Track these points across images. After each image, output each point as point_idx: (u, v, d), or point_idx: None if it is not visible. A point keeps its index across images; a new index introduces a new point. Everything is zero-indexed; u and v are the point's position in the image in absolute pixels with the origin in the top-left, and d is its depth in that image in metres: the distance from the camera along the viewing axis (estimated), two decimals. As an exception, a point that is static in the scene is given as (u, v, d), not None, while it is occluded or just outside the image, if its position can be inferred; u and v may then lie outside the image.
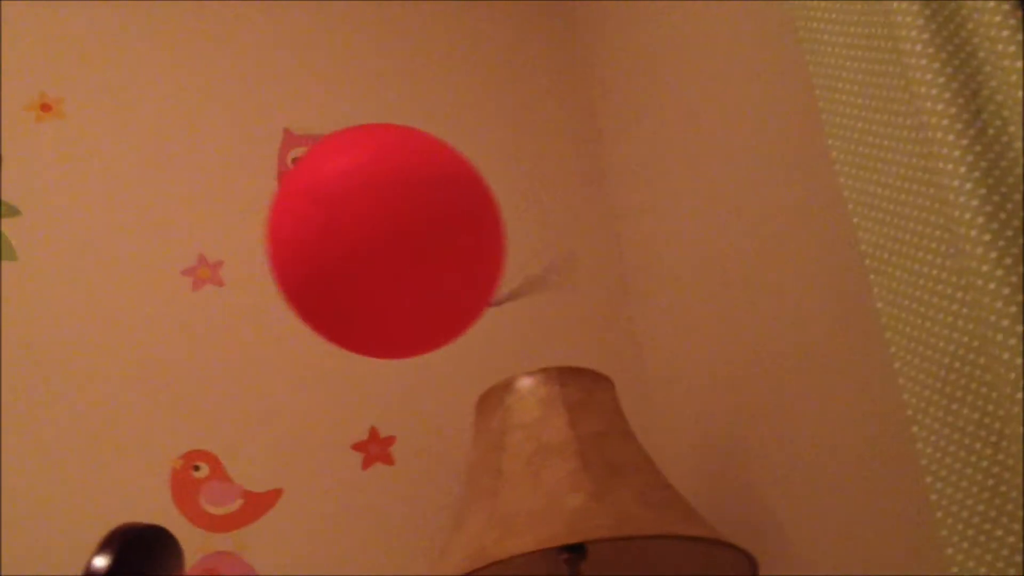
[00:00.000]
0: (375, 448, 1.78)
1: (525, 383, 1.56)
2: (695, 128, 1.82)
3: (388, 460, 1.78)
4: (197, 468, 1.69)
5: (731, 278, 1.70)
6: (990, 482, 1.07)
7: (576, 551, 1.44)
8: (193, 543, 1.63)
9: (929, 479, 1.12)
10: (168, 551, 1.10)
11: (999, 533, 1.06)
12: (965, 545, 1.08)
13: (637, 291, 1.98)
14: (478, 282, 1.12)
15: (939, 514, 1.11)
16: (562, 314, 1.96)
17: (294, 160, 1.96)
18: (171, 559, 1.10)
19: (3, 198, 1.80)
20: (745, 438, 1.66)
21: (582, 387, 1.57)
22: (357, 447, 1.78)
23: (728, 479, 1.70)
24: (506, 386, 1.57)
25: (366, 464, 1.77)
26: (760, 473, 1.61)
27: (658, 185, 1.92)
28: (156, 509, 1.64)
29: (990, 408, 1.08)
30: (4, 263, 1.75)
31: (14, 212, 1.79)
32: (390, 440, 1.79)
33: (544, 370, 1.57)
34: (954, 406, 1.12)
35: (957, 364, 1.12)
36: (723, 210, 1.73)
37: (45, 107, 1.88)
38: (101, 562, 1.00)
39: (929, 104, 1.10)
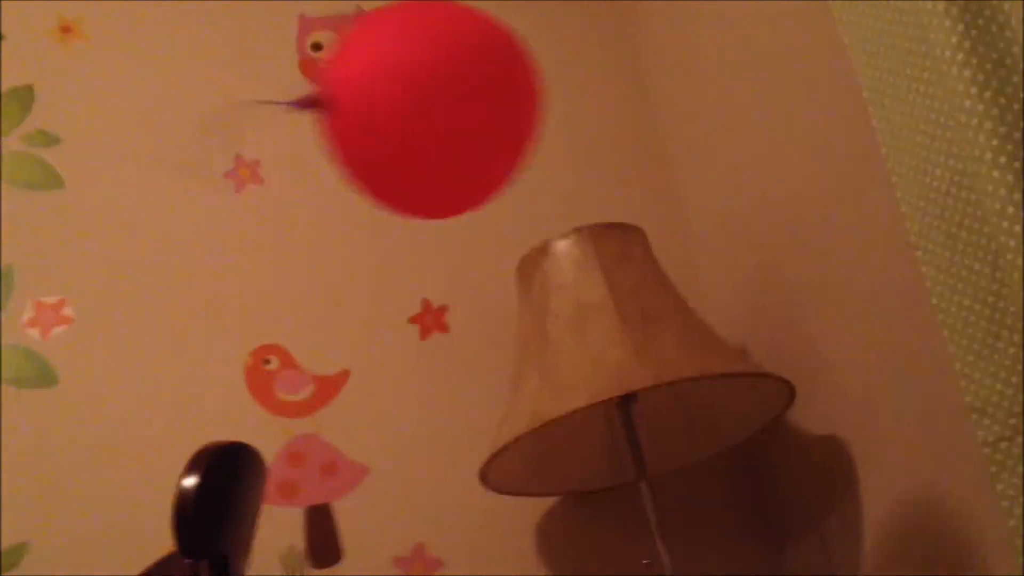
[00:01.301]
0: (430, 318, 1.89)
1: (560, 246, 1.64)
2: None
3: (443, 328, 1.89)
4: (268, 362, 1.82)
5: (758, 131, 1.75)
6: (990, 299, 1.14)
7: (625, 400, 1.54)
8: (276, 431, 1.77)
9: (934, 300, 1.20)
10: (251, 466, 1.23)
11: (1001, 345, 1.13)
12: (971, 358, 1.16)
13: (674, 148, 2.04)
14: (518, 142, 1.19)
15: (946, 332, 1.19)
16: (603, 173, 2.03)
17: (314, 46, 2.01)
18: (255, 473, 1.23)
19: (42, 127, 1.88)
20: (778, 279, 1.74)
21: (614, 242, 1.64)
22: (413, 320, 1.88)
23: (764, 317, 1.78)
24: (542, 250, 1.65)
25: (423, 335, 1.88)
26: (793, 307, 1.70)
27: (689, 45, 1.96)
28: (237, 406, 1.77)
29: (986, 230, 1.14)
30: (54, 192, 1.83)
31: (54, 140, 1.87)
32: (443, 309, 1.90)
33: (576, 230, 1.64)
34: (953, 230, 1.18)
35: (953, 190, 1.18)
36: (749, 67, 1.76)
37: (65, 29, 1.93)
38: (190, 482, 1.12)
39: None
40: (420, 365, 1.86)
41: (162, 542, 1.14)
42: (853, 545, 1.59)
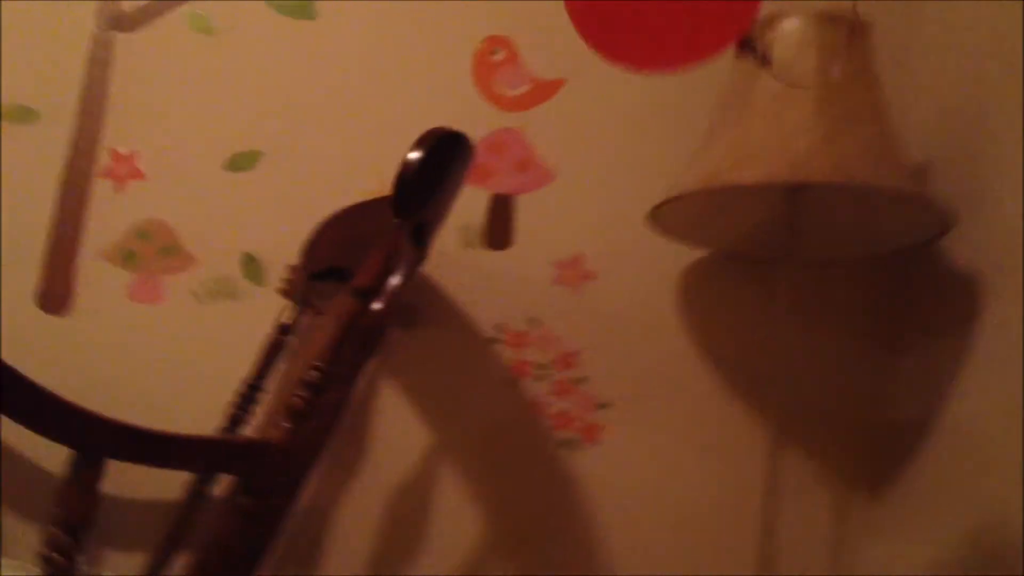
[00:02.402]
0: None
1: (788, 24, 1.72)
2: None
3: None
4: (495, 52, 1.99)
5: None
6: None
7: (796, 189, 1.67)
8: (486, 118, 1.96)
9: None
10: (465, 154, 1.44)
11: None
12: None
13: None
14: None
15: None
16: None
17: None
18: (465, 160, 1.44)
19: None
20: (983, 108, 1.78)
21: (839, 34, 1.70)
22: (632, 51, 2.01)
23: (956, 145, 1.84)
24: (770, 22, 1.73)
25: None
26: (987, 146, 1.75)
27: None
28: (459, 87, 1.97)
29: None
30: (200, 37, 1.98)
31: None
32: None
33: (806, 14, 1.71)
34: None
35: None
36: None
37: None
38: (415, 156, 1.34)
39: None
40: (628, 91, 1.99)
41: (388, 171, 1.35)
42: (957, 373, 1.74)
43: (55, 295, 1.86)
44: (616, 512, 1.85)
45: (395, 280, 1.38)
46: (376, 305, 1.35)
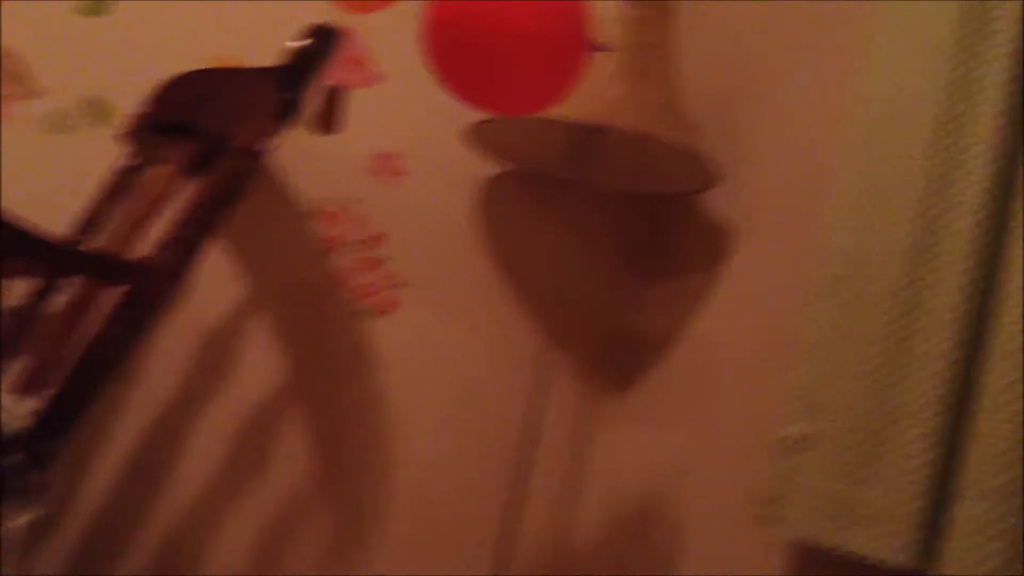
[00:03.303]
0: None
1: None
2: None
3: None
4: (349, -45, 2.17)
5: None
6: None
7: (598, 129, 1.99)
8: (327, 14, 2.15)
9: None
10: (338, 45, 1.65)
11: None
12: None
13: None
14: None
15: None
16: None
17: None
18: (338, 50, 1.65)
19: None
20: (749, 73, 2.16)
21: (647, 9, 2.02)
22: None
23: (728, 113, 2.22)
24: None
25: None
26: (747, 120, 2.13)
27: None
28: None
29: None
30: None
31: None
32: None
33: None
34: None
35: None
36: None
37: None
38: (303, 43, 1.54)
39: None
40: None
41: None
42: (700, 302, 2.13)
43: None
44: (402, 379, 2.15)
45: (264, 147, 1.59)
46: (249, 164, 1.55)
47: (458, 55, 1.53)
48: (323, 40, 1.57)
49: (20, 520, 1.25)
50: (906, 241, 1.40)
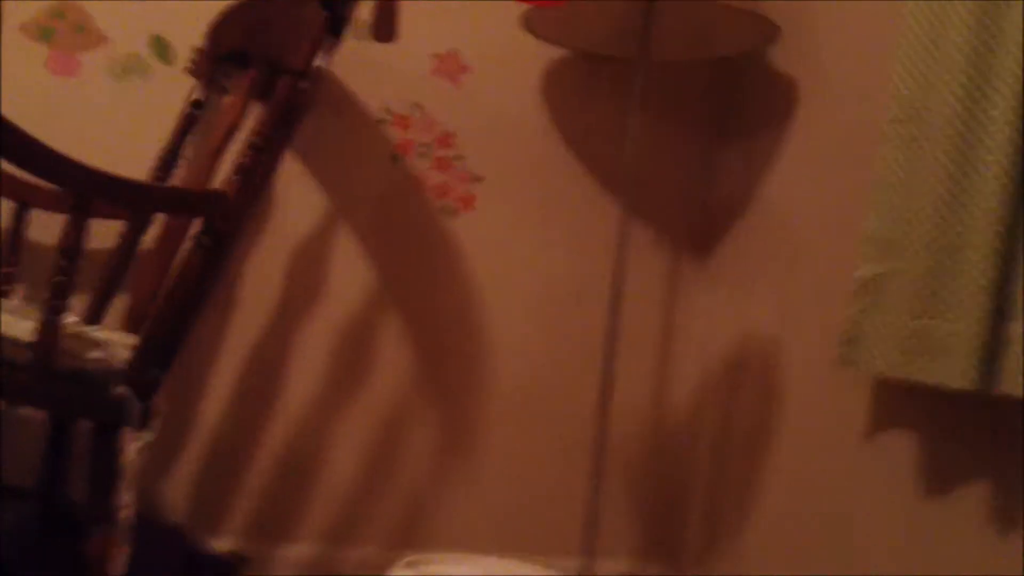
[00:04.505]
0: None
1: None
2: None
3: None
4: None
5: None
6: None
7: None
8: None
9: None
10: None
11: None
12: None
13: None
14: None
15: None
16: None
17: None
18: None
19: None
20: None
21: None
22: None
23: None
24: None
25: None
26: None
27: None
28: None
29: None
30: None
31: None
32: None
33: None
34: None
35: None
36: None
37: None
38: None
39: None
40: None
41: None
42: (770, 163, 2.12)
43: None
44: (488, 268, 2.21)
45: (319, 63, 1.62)
46: (304, 84, 1.59)
47: None
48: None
49: (131, 448, 1.35)
50: (959, 80, 1.41)
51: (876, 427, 1.72)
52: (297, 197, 2.10)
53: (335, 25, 1.63)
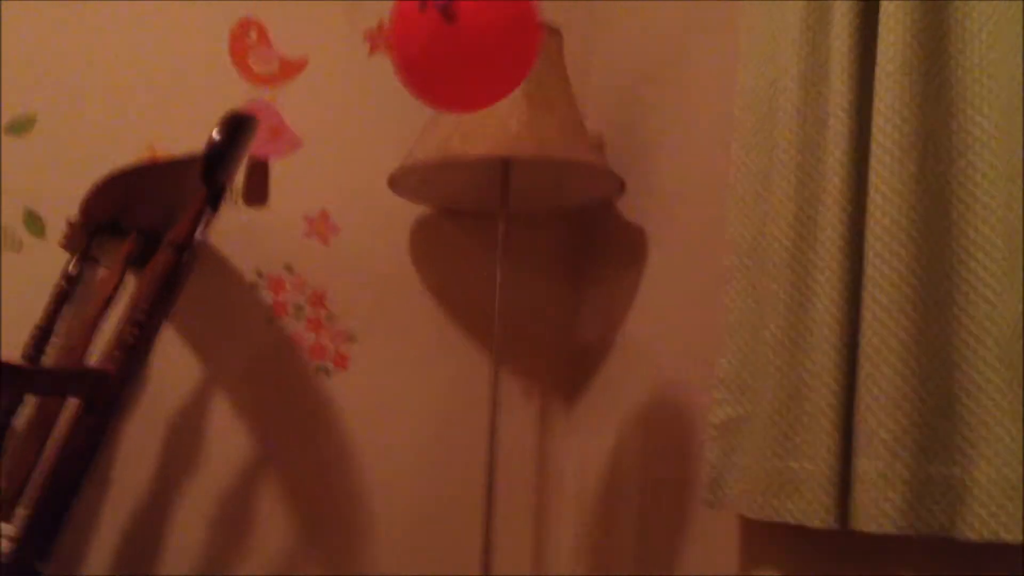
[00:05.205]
0: (381, 38, 2.36)
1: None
2: None
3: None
4: (249, 35, 2.28)
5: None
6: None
7: (508, 159, 2.11)
8: (242, 91, 2.25)
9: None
10: (252, 130, 1.75)
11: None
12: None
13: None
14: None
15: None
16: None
17: None
18: (252, 134, 1.75)
19: None
20: (645, 101, 2.28)
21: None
22: (368, 35, 2.36)
23: (626, 128, 2.34)
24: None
25: (372, 50, 2.36)
26: (649, 131, 2.26)
27: None
28: (219, 64, 2.24)
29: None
30: None
31: None
32: (393, 32, 2.36)
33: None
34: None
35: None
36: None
37: None
38: (220, 135, 1.64)
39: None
40: (365, 76, 2.35)
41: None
42: (627, 304, 2.25)
43: None
44: (364, 426, 2.25)
45: (198, 236, 1.68)
46: (186, 257, 1.65)
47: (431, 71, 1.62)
48: (240, 124, 1.67)
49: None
50: (788, 222, 1.52)
51: (748, 565, 1.78)
52: (170, 365, 2.12)
53: (214, 200, 1.70)
